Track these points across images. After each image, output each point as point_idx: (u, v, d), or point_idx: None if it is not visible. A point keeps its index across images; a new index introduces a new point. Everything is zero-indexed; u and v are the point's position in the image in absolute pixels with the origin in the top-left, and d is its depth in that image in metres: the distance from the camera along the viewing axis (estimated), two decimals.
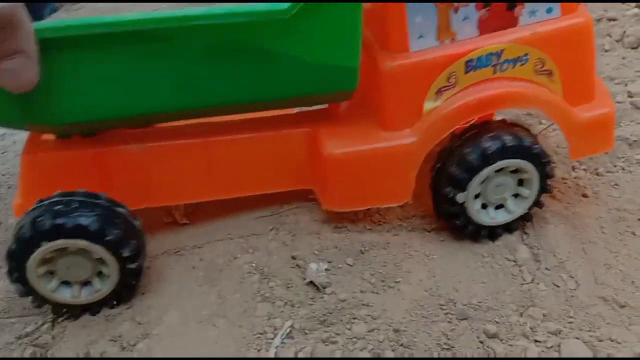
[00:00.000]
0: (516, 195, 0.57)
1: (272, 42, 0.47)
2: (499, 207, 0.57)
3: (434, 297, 0.52)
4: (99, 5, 0.52)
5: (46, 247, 0.49)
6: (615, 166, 0.67)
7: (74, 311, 0.53)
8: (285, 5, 0.45)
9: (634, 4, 0.97)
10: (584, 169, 0.66)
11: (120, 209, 0.51)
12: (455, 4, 0.49)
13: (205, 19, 0.45)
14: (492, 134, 0.53)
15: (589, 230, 0.59)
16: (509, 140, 0.52)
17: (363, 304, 0.52)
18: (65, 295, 0.52)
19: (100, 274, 0.51)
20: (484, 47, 0.50)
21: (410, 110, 0.52)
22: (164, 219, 0.60)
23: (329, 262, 0.55)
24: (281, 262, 0.56)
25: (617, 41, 0.90)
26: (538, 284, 0.54)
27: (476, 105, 0.51)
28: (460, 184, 0.53)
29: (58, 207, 0.49)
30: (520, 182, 0.56)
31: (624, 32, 0.91)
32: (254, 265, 0.55)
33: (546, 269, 0.55)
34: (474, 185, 0.54)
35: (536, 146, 0.53)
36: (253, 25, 0.46)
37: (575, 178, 0.65)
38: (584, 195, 0.63)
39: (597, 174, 0.66)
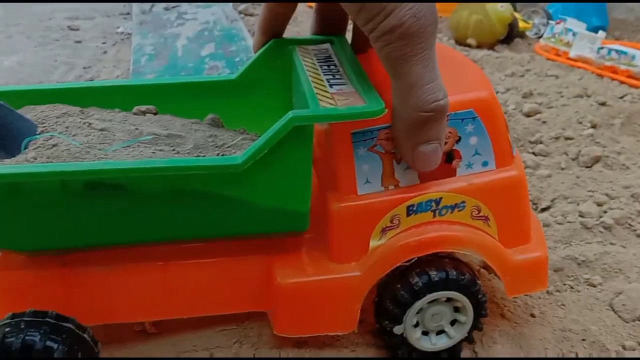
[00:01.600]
0: (455, 322, 0.61)
1: (226, 189, 0.51)
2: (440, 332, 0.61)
3: None
4: (73, 143, 0.55)
5: None
6: (564, 285, 0.72)
7: None
8: (239, 159, 0.50)
9: (589, 125, 1.05)
10: None
11: (67, 324, 0.54)
12: (398, 156, 0.54)
13: (165, 171, 0.49)
14: (419, 270, 0.57)
15: (533, 351, 0.63)
16: (434, 274, 0.57)
17: None
18: None
19: None
20: (424, 194, 0.55)
21: (357, 246, 0.56)
22: (134, 327, 0.64)
23: None
24: None
25: (573, 160, 0.97)
26: None
27: (416, 245, 0.56)
28: (396, 318, 0.58)
29: (7, 328, 0.52)
30: (457, 309, 0.60)
31: (579, 151, 0.97)
32: None
33: None
34: (410, 317, 0.58)
35: (463, 277, 0.58)
36: (208, 176, 0.50)
37: (524, 296, 0.69)
38: (532, 315, 0.67)
39: (547, 292, 0.70)
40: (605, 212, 0.83)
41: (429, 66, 0.49)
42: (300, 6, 0.66)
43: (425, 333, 0.60)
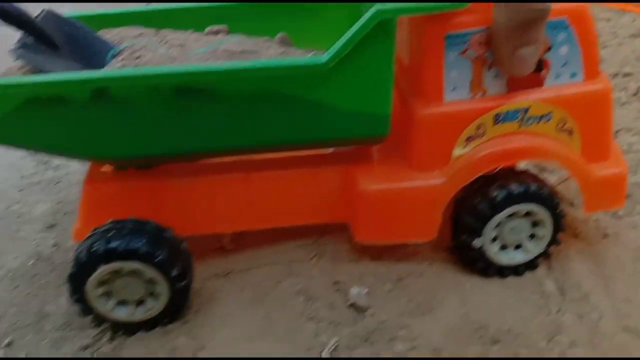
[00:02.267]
0: (533, 236, 0.61)
1: (310, 92, 0.51)
2: (518, 247, 0.61)
3: (467, 323, 0.56)
4: (159, 51, 0.56)
5: (102, 270, 0.53)
6: (634, 210, 0.71)
7: (130, 328, 0.57)
8: (323, 58, 0.49)
9: None
10: (604, 212, 0.70)
11: (166, 234, 0.55)
12: (489, 62, 0.54)
13: (251, 72, 0.50)
14: (499, 183, 0.57)
15: (610, 267, 0.62)
16: (514, 187, 0.57)
17: (402, 326, 0.56)
18: (122, 314, 0.56)
19: (152, 294, 0.56)
20: (512, 103, 0.55)
21: (440, 154, 0.56)
22: (214, 244, 0.65)
23: (369, 287, 0.59)
24: (324, 287, 0.60)
25: (633, 95, 0.95)
26: (564, 314, 0.58)
27: (501, 154, 0.56)
28: (475, 231, 0.58)
29: (111, 233, 0.53)
30: (535, 223, 0.60)
31: (639, 86, 0.96)
32: (298, 288, 0.60)
33: (571, 301, 0.59)
34: (489, 230, 0.58)
35: (543, 190, 0.57)
36: (293, 77, 0.50)
37: (596, 220, 0.69)
38: (605, 236, 0.67)
39: (618, 217, 0.70)
40: None
41: None
42: None
43: (503, 248, 0.61)
